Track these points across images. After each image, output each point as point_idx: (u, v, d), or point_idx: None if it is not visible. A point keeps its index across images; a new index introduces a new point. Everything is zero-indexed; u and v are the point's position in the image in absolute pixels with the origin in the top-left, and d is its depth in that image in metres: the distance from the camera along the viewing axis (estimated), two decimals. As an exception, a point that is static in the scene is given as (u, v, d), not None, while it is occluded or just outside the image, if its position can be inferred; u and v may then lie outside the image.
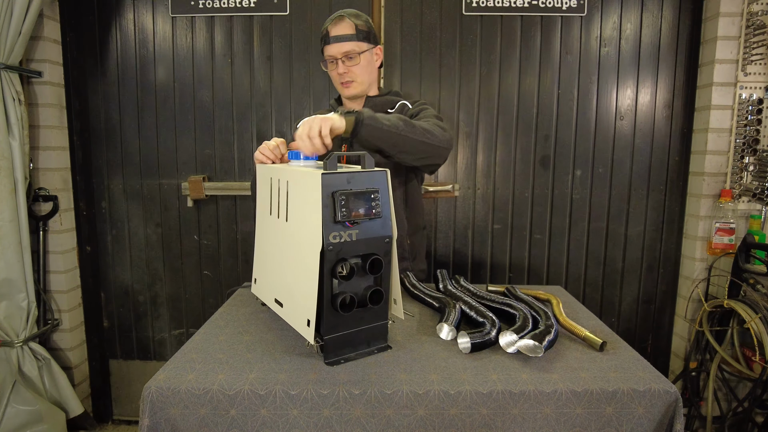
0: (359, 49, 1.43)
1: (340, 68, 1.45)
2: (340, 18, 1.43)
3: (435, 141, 1.27)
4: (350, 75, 1.46)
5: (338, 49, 1.43)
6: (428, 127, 1.28)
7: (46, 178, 2.12)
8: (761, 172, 1.97)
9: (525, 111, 2.16)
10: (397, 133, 1.20)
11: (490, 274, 2.26)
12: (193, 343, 1.07)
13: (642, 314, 2.29)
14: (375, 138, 1.18)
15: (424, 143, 1.26)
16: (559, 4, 2.07)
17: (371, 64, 1.50)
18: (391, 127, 1.19)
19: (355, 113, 1.16)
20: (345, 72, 1.45)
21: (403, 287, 1.42)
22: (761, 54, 1.94)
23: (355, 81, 1.47)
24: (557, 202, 2.21)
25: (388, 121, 1.20)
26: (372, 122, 1.16)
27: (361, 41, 1.43)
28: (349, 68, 1.45)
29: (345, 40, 1.42)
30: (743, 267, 1.90)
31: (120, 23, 2.15)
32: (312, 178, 0.95)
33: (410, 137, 1.23)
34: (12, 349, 1.94)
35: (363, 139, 1.17)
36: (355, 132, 1.16)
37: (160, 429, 0.88)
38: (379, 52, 1.53)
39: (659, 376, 0.93)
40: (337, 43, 1.42)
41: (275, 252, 1.16)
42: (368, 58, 1.47)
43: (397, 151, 1.24)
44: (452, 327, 1.10)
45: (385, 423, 0.87)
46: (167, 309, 2.32)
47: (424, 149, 1.27)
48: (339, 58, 1.44)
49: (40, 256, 2.12)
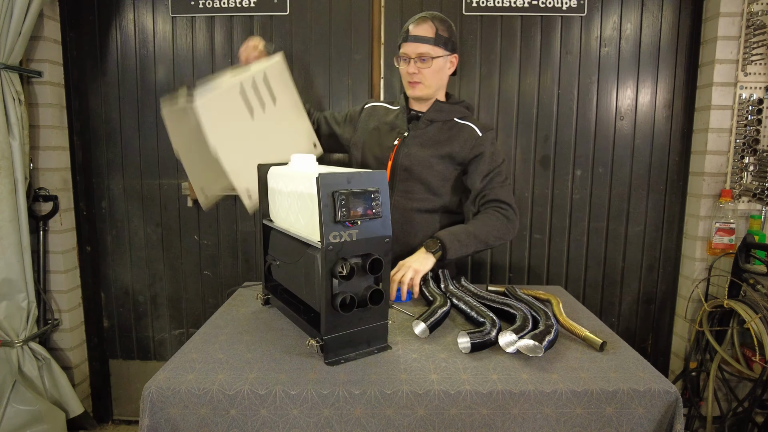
0: (434, 53, 1.45)
1: (411, 68, 1.47)
2: (423, 19, 1.45)
3: (504, 239, 1.48)
4: (419, 76, 1.47)
5: (414, 49, 1.44)
6: (498, 233, 1.46)
7: (46, 178, 2.12)
8: (761, 172, 1.97)
9: (525, 111, 2.16)
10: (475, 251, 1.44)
11: (490, 274, 2.26)
12: (193, 343, 1.07)
13: (642, 314, 2.29)
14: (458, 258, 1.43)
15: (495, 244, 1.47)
16: (559, 4, 2.07)
17: (443, 70, 1.51)
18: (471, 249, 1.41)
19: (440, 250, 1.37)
20: (415, 72, 1.47)
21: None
22: (761, 54, 1.94)
23: (422, 83, 1.48)
24: (557, 202, 2.21)
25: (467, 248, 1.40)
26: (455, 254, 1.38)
27: (438, 46, 1.45)
28: (420, 69, 1.46)
29: (422, 42, 1.43)
30: (743, 267, 1.90)
31: (120, 23, 2.15)
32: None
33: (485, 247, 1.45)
34: (12, 349, 1.94)
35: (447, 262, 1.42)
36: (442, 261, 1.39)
37: (160, 429, 0.88)
38: (454, 60, 1.54)
39: (659, 376, 0.93)
40: (414, 43, 1.44)
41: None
42: (441, 63, 1.48)
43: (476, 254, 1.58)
44: (426, 327, 1.11)
45: (385, 423, 0.87)
46: (167, 309, 2.32)
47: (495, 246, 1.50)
48: (412, 57, 1.45)
49: (40, 256, 2.12)
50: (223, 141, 1.36)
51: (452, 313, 1.27)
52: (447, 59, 1.49)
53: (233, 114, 1.37)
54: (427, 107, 1.56)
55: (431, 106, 1.55)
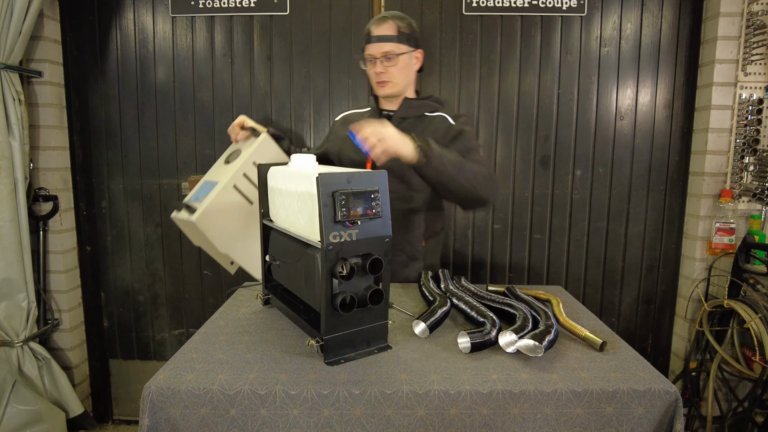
0: (398, 50, 1.47)
1: (378, 67, 1.48)
2: (383, 19, 1.48)
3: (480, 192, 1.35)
4: (387, 75, 1.49)
5: (378, 49, 1.46)
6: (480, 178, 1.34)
7: (46, 178, 2.12)
8: (761, 172, 1.97)
9: (525, 111, 2.16)
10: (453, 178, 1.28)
11: (490, 274, 2.26)
12: (193, 343, 1.07)
13: (642, 314, 2.29)
14: (432, 177, 1.26)
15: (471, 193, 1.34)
16: (559, 4, 2.07)
17: (409, 66, 1.53)
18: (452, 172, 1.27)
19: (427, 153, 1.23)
20: (382, 72, 1.48)
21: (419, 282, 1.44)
22: (761, 54, 1.94)
23: (391, 81, 1.50)
24: (557, 202, 2.21)
25: (451, 164, 1.27)
26: (439, 165, 1.24)
27: (402, 43, 1.47)
28: (387, 68, 1.48)
29: (385, 41, 1.46)
30: (743, 267, 1.90)
31: (120, 23, 2.15)
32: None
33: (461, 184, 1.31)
34: (12, 349, 1.94)
35: (422, 173, 1.26)
36: (419, 167, 1.24)
37: (160, 429, 0.88)
38: (419, 56, 1.56)
39: (659, 376, 0.93)
40: (377, 43, 1.46)
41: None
42: (407, 60, 1.50)
43: (442, 188, 1.31)
44: (426, 327, 1.11)
45: (385, 423, 0.87)
46: (167, 309, 2.32)
47: (468, 197, 1.35)
48: (378, 57, 1.47)
49: (40, 256, 2.12)
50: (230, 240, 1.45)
51: (452, 313, 1.27)
52: (412, 55, 1.52)
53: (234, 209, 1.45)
54: (397, 106, 1.57)
55: (401, 104, 1.55)
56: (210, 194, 1.41)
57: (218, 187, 1.41)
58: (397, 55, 1.47)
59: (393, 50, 1.46)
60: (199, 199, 1.42)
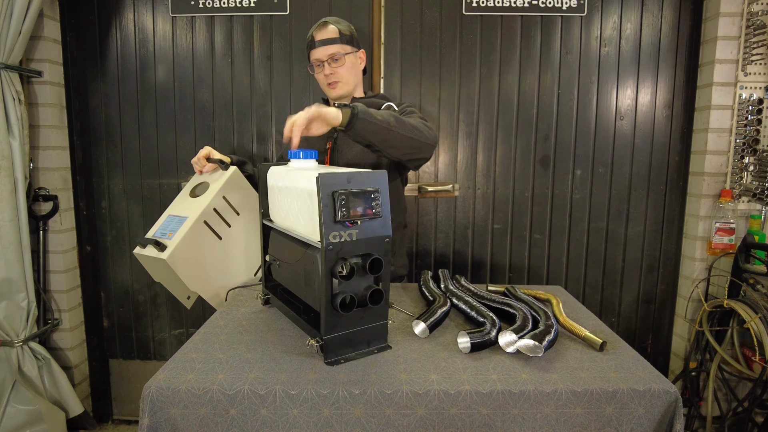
0: (343, 51, 1.53)
1: (326, 70, 1.53)
2: (324, 24, 1.53)
3: (422, 137, 1.32)
4: (336, 76, 1.54)
5: (324, 52, 1.52)
6: (416, 124, 1.33)
7: (46, 178, 2.12)
8: (761, 172, 1.97)
9: (525, 111, 2.16)
10: (387, 128, 1.24)
11: (490, 274, 2.26)
12: (193, 343, 1.07)
13: (642, 314, 2.29)
14: (368, 132, 1.22)
15: (412, 139, 1.30)
16: (559, 4, 2.07)
17: (355, 66, 1.59)
18: (383, 122, 1.23)
19: (351, 107, 1.19)
20: (331, 73, 1.53)
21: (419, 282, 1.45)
22: (761, 54, 1.94)
23: (340, 81, 1.55)
24: (557, 202, 2.21)
25: (381, 116, 1.24)
26: (366, 116, 1.20)
27: (345, 44, 1.53)
28: (335, 69, 1.53)
29: (329, 44, 1.51)
30: (743, 267, 1.90)
31: (120, 23, 2.15)
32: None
33: (399, 132, 1.27)
34: (12, 349, 1.94)
35: (356, 132, 1.21)
36: (350, 125, 1.19)
37: (160, 429, 0.88)
38: (362, 56, 1.61)
39: (659, 376, 0.93)
40: (322, 47, 1.51)
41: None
42: (352, 60, 1.56)
43: (387, 146, 1.28)
44: (426, 327, 1.11)
45: (385, 423, 0.87)
46: (167, 309, 2.32)
47: (412, 144, 1.32)
48: (325, 60, 1.52)
49: (40, 255, 2.12)
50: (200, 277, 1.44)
51: (452, 313, 1.27)
52: (356, 55, 1.58)
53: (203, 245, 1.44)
54: None
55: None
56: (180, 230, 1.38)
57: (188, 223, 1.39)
58: (344, 55, 1.52)
59: (338, 51, 1.51)
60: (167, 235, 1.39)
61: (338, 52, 1.51)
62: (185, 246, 1.37)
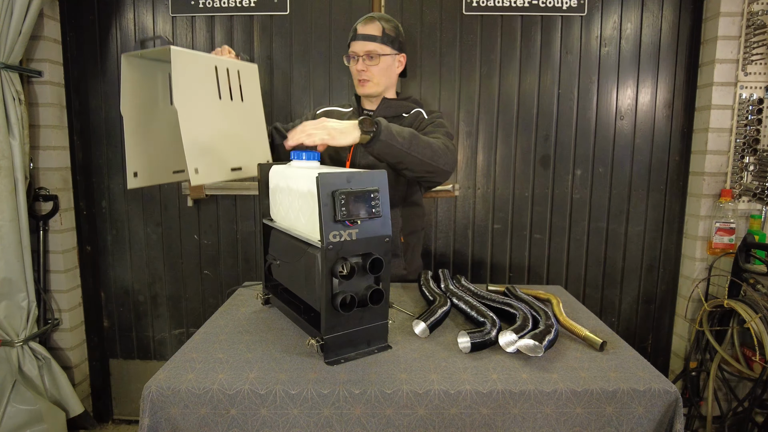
0: (381, 51, 1.49)
1: (360, 65, 1.51)
2: (371, 19, 1.51)
3: (439, 163, 1.32)
4: (368, 74, 1.51)
5: (362, 47, 1.49)
6: (436, 148, 1.32)
7: (46, 178, 2.12)
8: (761, 171, 1.97)
9: (525, 111, 2.16)
10: (406, 152, 1.25)
11: (490, 274, 2.26)
12: (193, 343, 1.07)
13: (642, 314, 2.29)
14: (385, 153, 1.24)
15: (429, 164, 1.30)
16: (560, 4, 2.07)
17: (390, 68, 1.55)
18: (403, 145, 1.24)
19: (374, 129, 1.20)
20: (363, 70, 1.51)
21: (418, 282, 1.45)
22: (761, 54, 1.94)
23: (371, 81, 1.52)
24: (557, 202, 2.21)
25: (402, 137, 1.24)
26: (387, 138, 1.21)
27: (385, 44, 1.50)
28: (368, 67, 1.50)
29: (369, 40, 1.48)
30: (743, 267, 1.90)
31: (120, 23, 2.15)
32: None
33: (418, 158, 1.28)
34: (12, 349, 1.94)
35: (374, 151, 1.23)
36: (370, 145, 1.22)
37: (160, 428, 0.88)
38: (402, 60, 1.57)
39: (659, 376, 0.93)
40: (362, 41, 1.49)
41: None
42: (388, 62, 1.53)
43: (402, 167, 1.30)
44: (426, 327, 1.11)
45: (385, 423, 0.87)
46: (167, 309, 2.32)
47: (427, 170, 1.32)
48: (361, 55, 1.50)
49: (40, 255, 2.12)
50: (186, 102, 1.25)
51: (452, 312, 1.27)
52: (395, 58, 1.54)
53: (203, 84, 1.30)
54: (376, 106, 1.58)
55: (380, 104, 1.57)
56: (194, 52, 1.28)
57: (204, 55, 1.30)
58: (380, 56, 1.49)
59: (376, 50, 1.49)
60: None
61: (375, 50, 1.48)
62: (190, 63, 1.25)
